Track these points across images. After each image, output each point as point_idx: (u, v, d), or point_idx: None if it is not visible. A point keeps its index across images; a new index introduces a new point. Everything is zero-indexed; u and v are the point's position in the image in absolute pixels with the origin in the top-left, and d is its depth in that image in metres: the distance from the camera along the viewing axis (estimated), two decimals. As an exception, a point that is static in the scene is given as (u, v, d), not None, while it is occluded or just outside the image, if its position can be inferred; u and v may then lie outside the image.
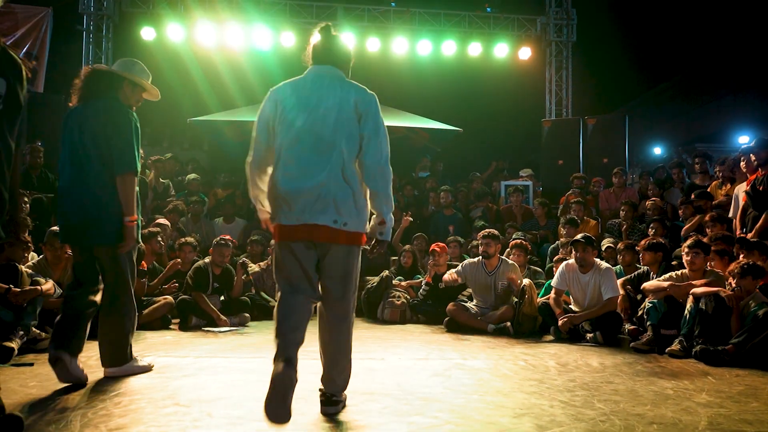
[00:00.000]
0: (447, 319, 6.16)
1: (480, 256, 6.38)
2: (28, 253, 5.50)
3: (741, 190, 6.34)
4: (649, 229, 6.92)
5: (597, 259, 5.87)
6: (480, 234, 6.50)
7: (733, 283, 4.86)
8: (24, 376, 3.70)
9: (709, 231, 6.23)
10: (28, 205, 6.29)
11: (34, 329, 4.57)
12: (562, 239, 7.37)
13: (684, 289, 5.04)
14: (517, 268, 6.38)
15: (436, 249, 6.78)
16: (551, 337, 5.70)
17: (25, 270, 4.79)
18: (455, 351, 4.91)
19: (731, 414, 3.11)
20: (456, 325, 6.06)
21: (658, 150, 21.67)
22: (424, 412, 3.05)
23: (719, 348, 4.48)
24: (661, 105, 23.03)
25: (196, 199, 8.71)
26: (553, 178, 10.58)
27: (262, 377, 3.77)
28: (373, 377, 3.82)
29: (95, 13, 11.67)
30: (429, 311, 6.65)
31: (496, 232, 6.53)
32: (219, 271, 6.41)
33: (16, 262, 4.76)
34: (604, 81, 17.93)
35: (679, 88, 22.39)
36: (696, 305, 4.83)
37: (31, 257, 5.53)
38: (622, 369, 4.24)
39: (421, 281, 7.00)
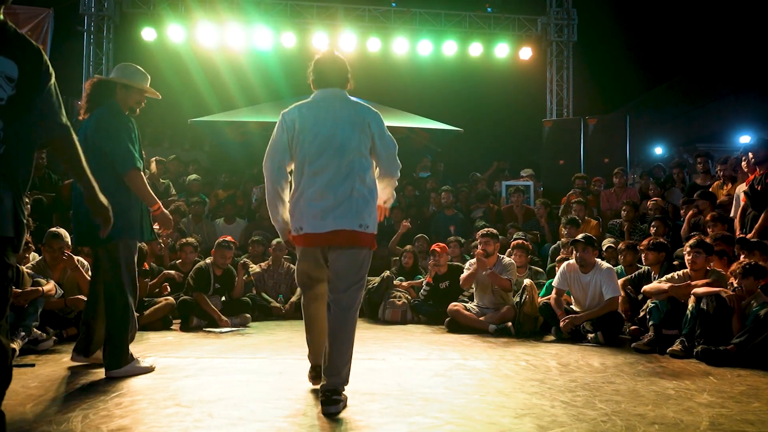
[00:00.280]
0: (448, 320, 6.16)
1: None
2: (29, 254, 5.50)
3: (742, 190, 6.33)
4: (651, 228, 6.91)
5: (598, 259, 5.86)
6: (479, 233, 6.49)
7: (735, 283, 4.86)
8: (25, 377, 3.71)
9: (710, 231, 6.22)
10: (28, 205, 6.29)
11: (35, 330, 4.57)
12: (563, 239, 7.37)
13: (685, 289, 5.04)
14: (514, 265, 6.36)
15: (437, 249, 6.77)
16: (552, 338, 5.69)
17: (26, 271, 4.79)
18: (456, 351, 4.90)
19: (733, 414, 3.10)
20: (457, 326, 6.05)
21: (659, 150, 21.64)
22: (425, 413, 3.04)
23: (720, 348, 4.48)
24: (662, 105, 23.01)
25: (197, 199, 8.71)
26: (554, 178, 10.57)
27: (263, 378, 3.79)
28: (374, 377, 3.82)
29: (96, 14, 11.67)
30: (430, 311, 6.65)
31: (495, 231, 6.53)
32: (220, 271, 6.41)
33: (16, 263, 4.75)
34: (605, 81, 17.92)
35: (680, 87, 22.37)
36: (697, 305, 4.82)
37: (32, 257, 5.54)
38: (624, 369, 4.23)
39: (422, 281, 6.99)
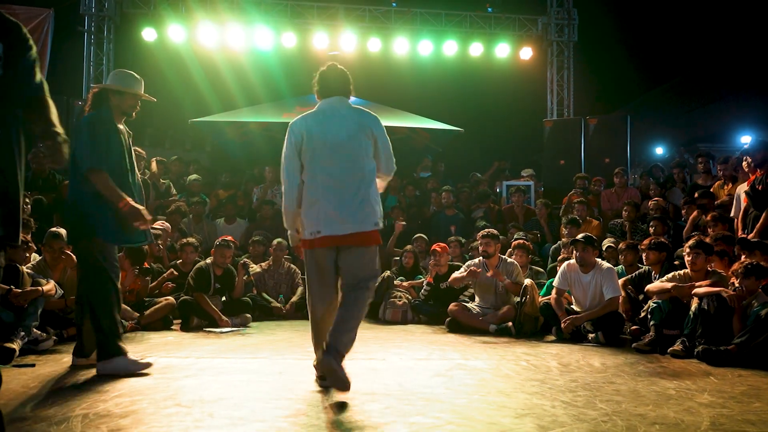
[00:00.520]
0: (448, 320, 6.15)
1: (481, 257, 6.38)
2: (30, 254, 5.50)
3: (743, 191, 6.32)
4: (650, 228, 6.90)
5: (598, 259, 5.86)
6: (480, 234, 6.48)
7: (736, 283, 4.85)
8: (25, 377, 3.71)
9: (710, 231, 6.21)
10: (29, 206, 6.29)
11: (35, 330, 4.57)
12: (563, 239, 7.37)
13: (688, 289, 5.03)
14: (517, 266, 6.36)
15: (438, 249, 6.77)
16: (553, 338, 5.69)
17: (26, 271, 4.79)
18: (457, 351, 4.90)
19: (734, 414, 3.10)
20: (457, 326, 6.05)
21: (660, 150, 21.64)
22: (425, 413, 3.04)
23: (721, 348, 4.47)
24: (662, 105, 22.98)
25: (198, 199, 8.71)
26: (555, 178, 10.57)
27: (263, 378, 3.79)
28: (374, 377, 3.82)
29: (96, 14, 11.66)
30: (430, 311, 6.64)
31: (495, 231, 6.53)
32: (220, 271, 6.41)
33: (17, 263, 4.76)
34: (606, 81, 17.89)
35: (681, 88, 22.35)
36: (699, 305, 4.82)
37: (33, 258, 5.53)
38: (624, 369, 4.23)
39: (423, 281, 6.99)
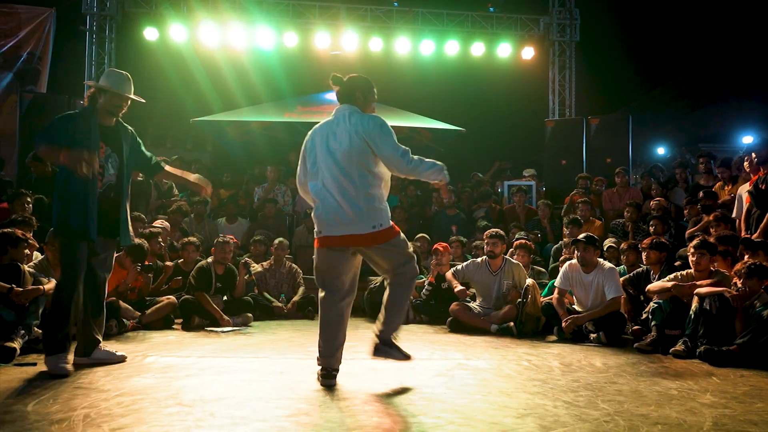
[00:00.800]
0: (450, 319, 6.15)
1: (485, 256, 6.37)
2: (32, 252, 5.50)
3: (745, 190, 6.31)
4: (650, 227, 6.89)
5: (600, 259, 5.85)
6: (487, 233, 6.46)
7: (739, 283, 4.84)
8: (26, 376, 3.70)
9: (713, 231, 6.20)
10: (30, 205, 6.30)
11: (36, 329, 4.56)
12: (565, 239, 7.36)
13: (688, 289, 5.02)
14: (522, 267, 6.36)
15: (439, 249, 6.77)
16: (554, 337, 5.68)
17: (28, 270, 4.79)
18: (458, 351, 4.90)
19: (736, 414, 3.09)
20: (459, 325, 6.04)
21: (662, 150, 21.62)
22: (427, 412, 3.04)
23: (724, 348, 4.46)
24: (664, 105, 22.95)
25: (199, 199, 8.70)
26: (557, 178, 10.56)
27: (264, 377, 3.79)
28: (376, 377, 3.81)
29: (98, 14, 11.66)
30: (432, 311, 6.64)
31: (502, 232, 6.52)
32: (222, 270, 6.41)
33: (18, 262, 4.76)
34: (607, 81, 17.86)
35: (683, 88, 22.31)
36: (700, 305, 4.81)
37: (35, 256, 5.53)
38: (626, 369, 4.22)
39: (424, 281, 6.98)
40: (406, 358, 3.67)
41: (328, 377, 3.56)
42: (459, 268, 6.43)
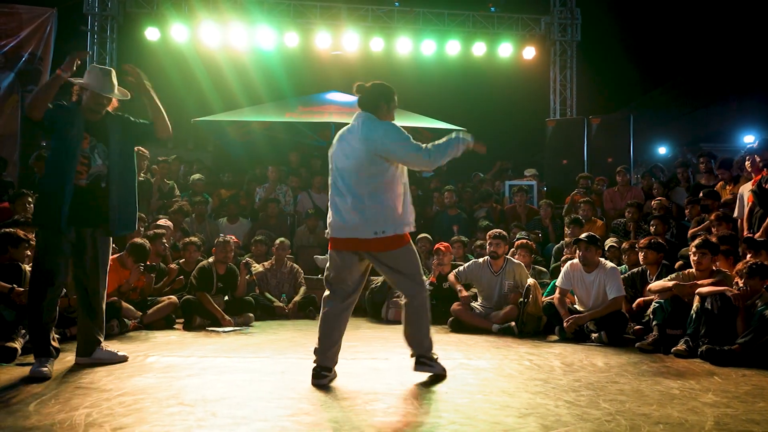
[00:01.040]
0: (451, 319, 6.15)
1: (487, 257, 6.36)
2: (33, 252, 5.50)
3: (746, 190, 6.30)
4: (651, 226, 6.88)
5: (602, 259, 5.84)
6: (490, 234, 6.45)
7: (740, 282, 4.83)
8: (28, 376, 3.70)
9: (714, 230, 6.19)
10: (32, 205, 6.30)
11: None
12: (567, 239, 7.35)
13: (689, 288, 5.02)
14: (523, 267, 6.35)
15: (441, 248, 6.76)
16: (556, 337, 5.68)
17: (29, 269, 4.79)
18: (459, 351, 4.89)
19: (738, 414, 3.09)
20: (460, 325, 6.04)
21: (663, 150, 21.60)
22: (428, 412, 3.04)
23: (725, 348, 4.46)
24: (665, 104, 22.92)
25: (201, 199, 8.71)
26: (558, 178, 10.55)
27: (266, 377, 3.79)
28: (377, 377, 3.82)
29: (99, 14, 11.68)
30: (433, 311, 6.60)
31: (504, 233, 6.52)
32: (223, 270, 6.41)
33: (19, 262, 4.76)
34: (609, 80, 17.84)
35: (684, 87, 22.27)
36: (702, 305, 4.80)
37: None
38: (628, 369, 4.22)
39: (426, 281, 6.97)
40: (443, 371, 3.83)
41: (317, 377, 3.56)
42: (461, 269, 6.42)
